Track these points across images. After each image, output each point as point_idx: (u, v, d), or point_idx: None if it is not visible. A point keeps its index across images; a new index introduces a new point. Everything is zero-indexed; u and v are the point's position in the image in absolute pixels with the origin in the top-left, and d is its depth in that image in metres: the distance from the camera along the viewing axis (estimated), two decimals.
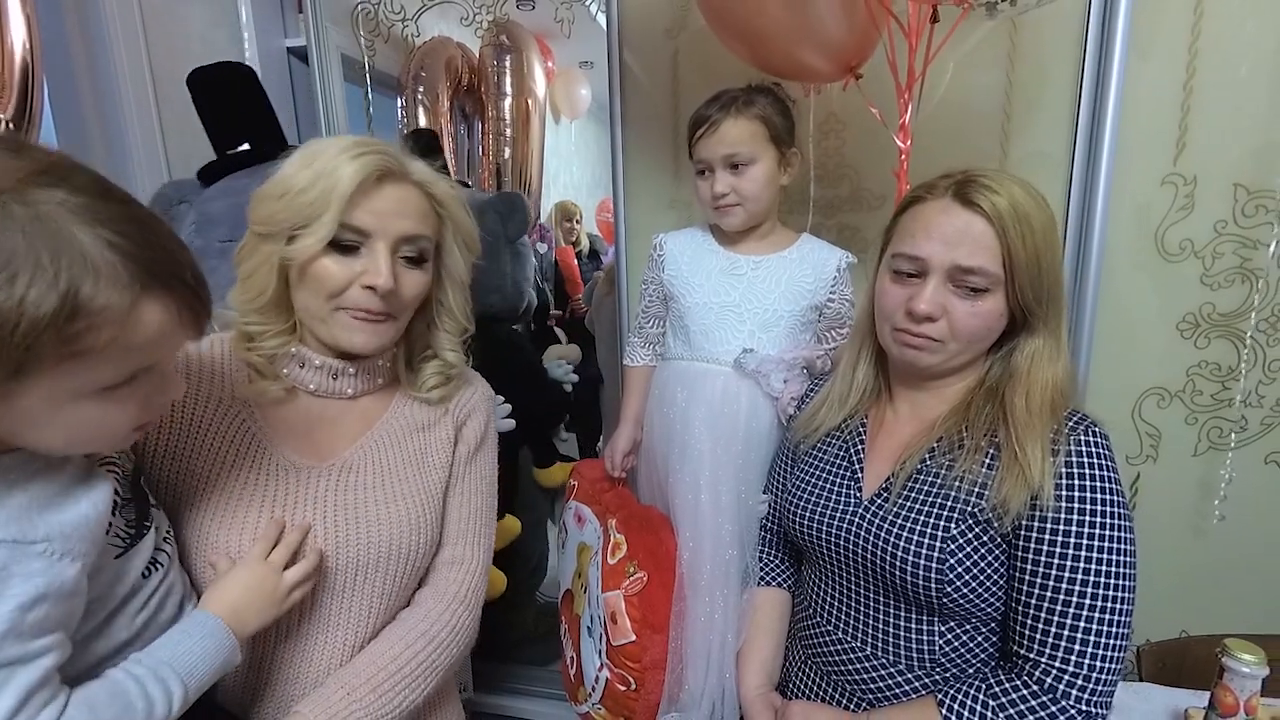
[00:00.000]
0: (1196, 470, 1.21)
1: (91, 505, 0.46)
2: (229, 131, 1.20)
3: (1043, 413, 0.63)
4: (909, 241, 0.66)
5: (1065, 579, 0.60)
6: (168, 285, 0.43)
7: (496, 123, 1.93)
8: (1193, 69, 1.08)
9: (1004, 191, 0.62)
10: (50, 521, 0.44)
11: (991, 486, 0.62)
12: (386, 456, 0.68)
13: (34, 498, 0.44)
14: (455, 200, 0.67)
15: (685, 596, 0.86)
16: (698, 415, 0.93)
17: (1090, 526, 0.61)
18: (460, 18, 1.59)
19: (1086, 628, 0.60)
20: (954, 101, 1.07)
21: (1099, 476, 0.62)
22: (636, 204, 1.36)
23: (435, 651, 0.66)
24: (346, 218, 0.59)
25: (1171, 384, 1.19)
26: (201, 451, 0.62)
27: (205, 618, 0.55)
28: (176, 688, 0.50)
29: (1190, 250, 1.14)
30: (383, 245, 0.61)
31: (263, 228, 0.61)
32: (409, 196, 0.63)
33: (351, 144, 0.61)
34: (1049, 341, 0.65)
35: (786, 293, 0.96)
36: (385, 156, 0.61)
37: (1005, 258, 0.62)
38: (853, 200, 1.26)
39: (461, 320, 0.72)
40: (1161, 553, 1.23)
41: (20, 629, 0.41)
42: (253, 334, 0.64)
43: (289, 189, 0.59)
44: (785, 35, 0.83)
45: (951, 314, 0.64)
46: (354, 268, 0.61)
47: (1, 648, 0.41)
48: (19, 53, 0.97)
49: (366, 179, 0.59)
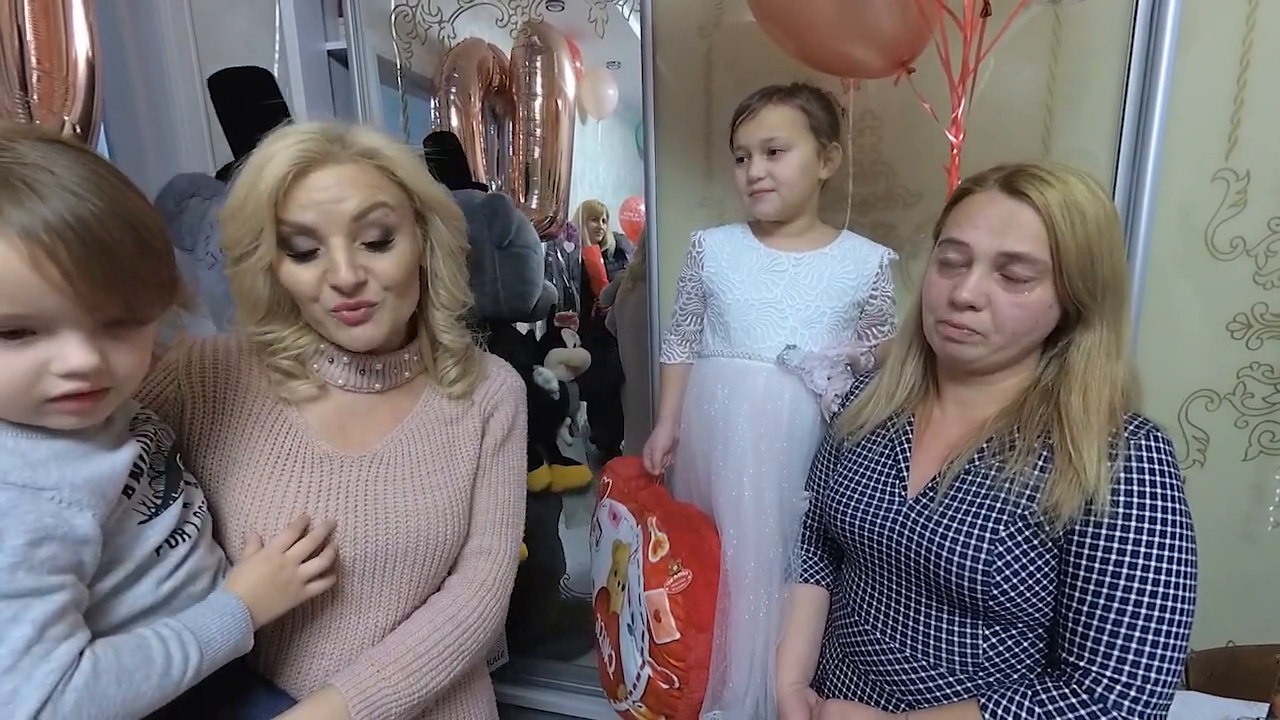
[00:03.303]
0: (1248, 475, 1.17)
1: (110, 465, 0.49)
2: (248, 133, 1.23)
3: (1100, 413, 0.61)
4: (955, 229, 0.65)
5: (1122, 585, 0.58)
6: (18, 230, 0.40)
7: (527, 123, 1.95)
8: (1246, 61, 1.05)
9: (1056, 182, 0.61)
10: (64, 473, 0.46)
11: (1044, 490, 0.61)
12: (416, 449, 0.69)
13: (58, 453, 0.46)
14: (411, 164, 0.63)
15: (729, 594, 0.86)
16: (740, 412, 0.93)
17: (1150, 533, 0.59)
18: (495, 19, 1.61)
19: (1142, 637, 0.57)
20: (994, 96, 1.06)
21: (1160, 482, 0.60)
22: (667, 202, 1.36)
23: (463, 636, 0.68)
24: (285, 217, 0.57)
25: (1221, 386, 1.16)
26: (241, 440, 0.64)
27: (229, 598, 0.57)
28: (194, 654, 0.52)
29: (1242, 248, 1.11)
30: (337, 239, 0.58)
31: (231, 251, 0.61)
32: (349, 174, 0.58)
33: (280, 137, 0.58)
34: (1108, 336, 0.63)
35: (829, 289, 0.95)
36: (310, 143, 0.57)
37: (1053, 246, 0.60)
38: (888, 197, 1.25)
39: (456, 293, 0.69)
40: (1208, 559, 1.17)
41: (31, 562, 0.43)
42: (269, 343, 0.65)
43: (234, 206, 0.58)
44: (836, 29, 0.83)
45: (995, 304, 0.63)
46: (318, 269, 0.59)
47: (15, 578, 0.42)
48: (83, 60, 1.01)
49: (286, 175, 0.56)
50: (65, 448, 0.47)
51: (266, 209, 0.56)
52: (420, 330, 0.71)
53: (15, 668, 0.42)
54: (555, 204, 2.07)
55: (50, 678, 0.43)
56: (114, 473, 0.49)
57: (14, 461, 0.45)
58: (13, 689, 0.42)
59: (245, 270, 0.60)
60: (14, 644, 0.42)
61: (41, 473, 0.45)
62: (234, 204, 0.59)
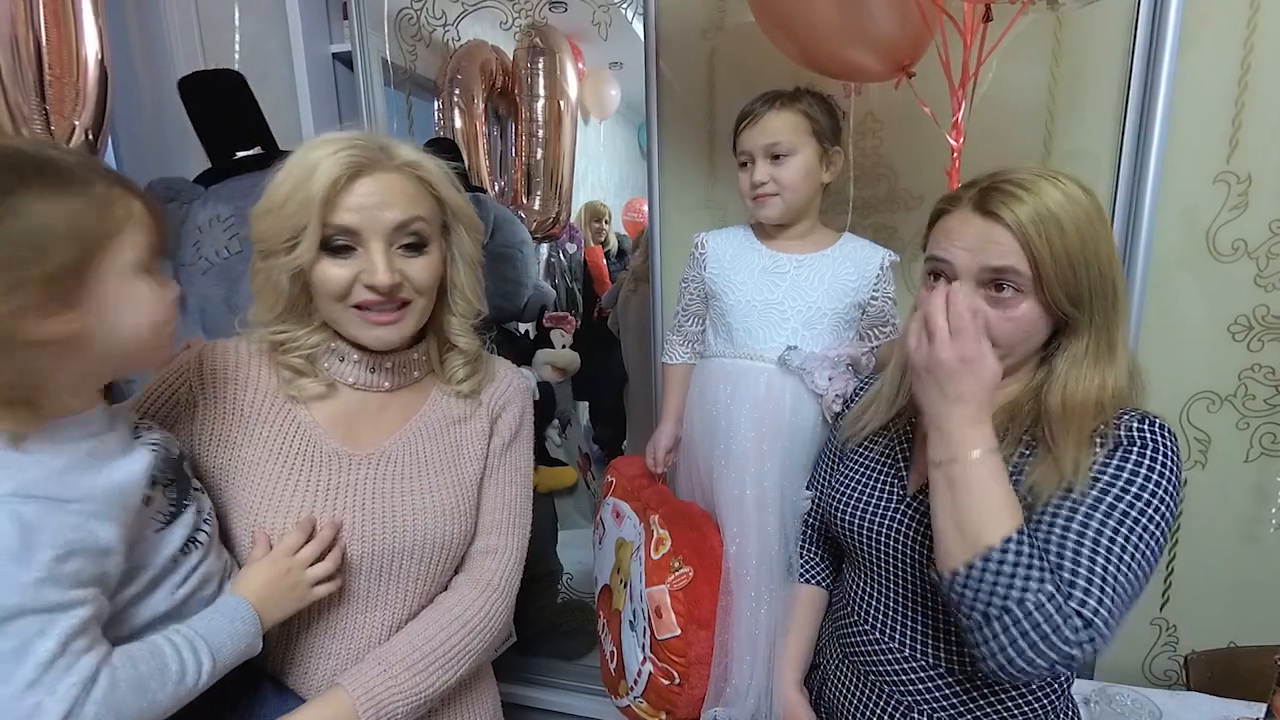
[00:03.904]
0: (1249, 477, 1.17)
1: (127, 474, 0.50)
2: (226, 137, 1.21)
3: (1083, 411, 0.61)
4: (936, 247, 0.66)
5: (1090, 500, 0.57)
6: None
7: (529, 124, 1.95)
8: (1247, 64, 1.06)
9: (1029, 197, 0.60)
10: (85, 484, 0.47)
11: (1026, 474, 0.61)
12: (424, 448, 0.70)
13: (74, 462, 0.47)
14: (446, 179, 0.67)
15: (730, 592, 0.87)
16: (742, 412, 0.94)
17: (1132, 474, 0.58)
18: (499, 21, 1.62)
19: (1109, 552, 0.55)
20: (995, 98, 1.06)
21: (1151, 446, 0.59)
22: (670, 204, 1.37)
23: (469, 636, 0.68)
24: (331, 219, 0.59)
25: (1222, 388, 1.16)
26: (250, 438, 0.65)
27: (238, 602, 0.58)
28: (206, 661, 0.53)
29: (1244, 251, 1.11)
30: (376, 242, 0.61)
31: (260, 245, 0.62)
32: (394, 183, 0.62)
33: (327, 142, 0.61)
34: (1096, 340, 0.63)
35: (830, 290, 0.96)
36: (359, 150, 0.60)
37: (1032, 262, 0.60)
38: (889, 200, 1.26)
39: (474, 301, 0.71)
40: (1210, 560, 1.20)
41: (58, 578, 0.44)
42: (282, 342, 0.66)
43: (274, 203, 0.60)
44: (837, 33, 0.84)
45: (986, 320, 0.63)
46: (353, 267, 0.61)
47: (41, 594, 0.43)
48: (93, 63, 1.02)
49: (339, 179, 0.59)
50: (79, 456, 0.48)
51: (316, 209, 0.58)
52: (428, 332, 0.72)
53: (39, 682, 0.43)
54: (558, 205, 2.08)
55: (72, 691, 0.44)
56: (133, 481, 0.50)
57: (39, 473, 0.46)
58: (36, 703, 0.43)
59: (274, 266, 0.61)
60: (39, 658, 0.43)
61: (67, 484, 0.46)
62: (272, 202, 0.60)
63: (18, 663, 0.43)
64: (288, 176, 0.60)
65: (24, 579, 0.43)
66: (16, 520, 0.43)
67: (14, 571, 0.43)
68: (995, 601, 0.55)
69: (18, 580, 0.43)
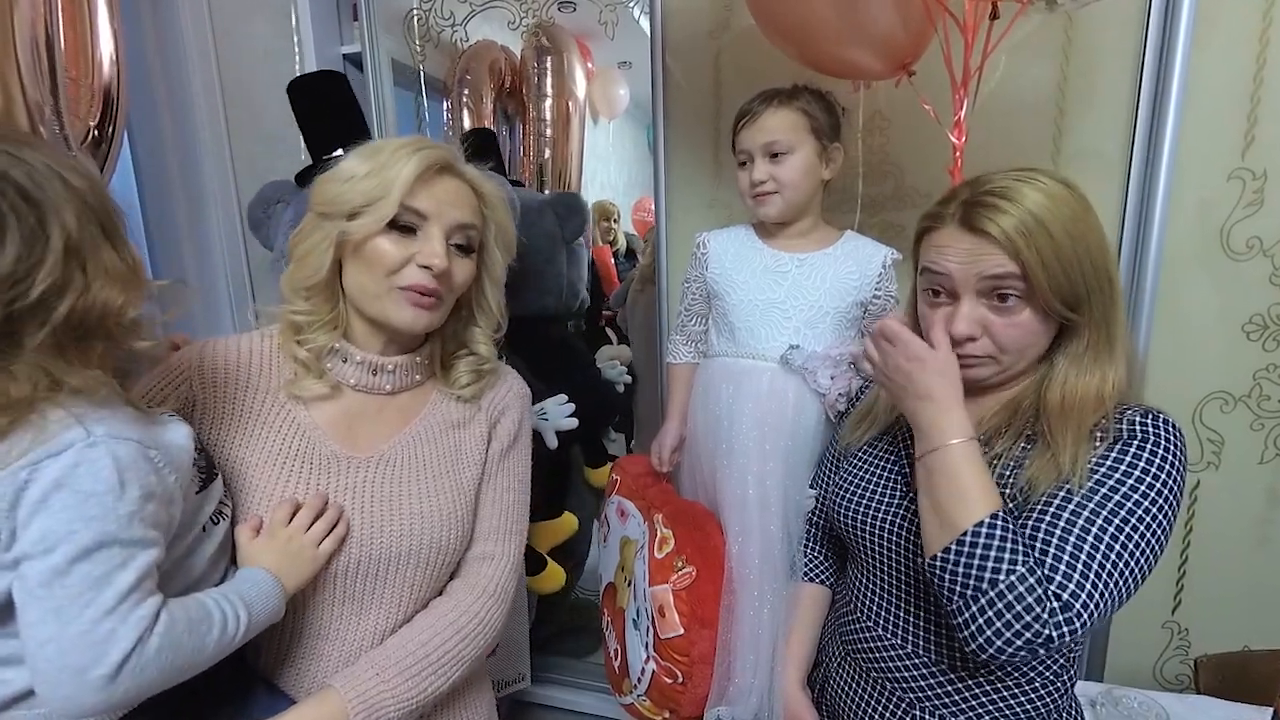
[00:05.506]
0: (1263, 478, 1.16)
1: (175, 435, 0.53)
2: (324, 137, 1.24)
3: (1082, 406, 0.61)
4: (930, 260, 0.66)
5: (1079, 501, 0.56)
6: None
7: (537, 124, 1.96)
8: (1263, 58, 1.04)
9: (1012, 207, 0.60)
10: (156, 436, 0.51)
11: (1024, 467, 0.62)
12: (422, 452, 0.70)
13: (135, 417, 0.50)
14: (500, 201, 0.72)
15: (733, 591, 0.87)
16: (744, 411, 0.94)
17: (1129, 467, 0.58)
18: (507, 22, 1.62)
19: (1097, 540, 0.55)
20: (1004, 96, 1.05)
21: (1152, 440, 0.59)
22: (677, 203, 1.37)
23: (462, 643, 0.68)
24: (408, 200, 0.63)
25: (1236, 388, 1.14)
26: (249, 439, 0.66)
27: (257, 571, 0.60)
28: (244, 615, 0.56)
29: (1259, 249, 1.09)
30: (438, 229, 0.65)
31: (325, 208, 0.65)
32: (463, 190, 0.68)
33: (412, 141, 0.66)
34: (1096, 338, 0.63)
35: (832, 289, 0.96)
36: (444, 152, 0.67)
37: (1023, 272, 0.60)
38: (896, 198, 1.25)
39: (497, 317, 0.76)
40: (1223, 563, 1.18)
41: (143, 514, 0.48)
42: (300, 324, 0.67)
43: (353, 174, 0.64)
44: (835, 33, 0.83)
45: (991, 329, 0.63)
46: (410, 248, 0.65)
47: (130, 528, 0.47)
48: (106, 64, 1.04)
49: (428, 169, 0.64)
50: (133, 414, 0.51)
51: (401, 185, 0.63)
52: (432, 335, 0.73)
53: (116, 610, 0.46)
54: None
55: (143, 623, 0.48)
56: (185, 443, 0.54)
57: (125, 419, 0.49)
58: (111, 629, 0.46)
59: (328, 229, 0.65)
60: (119, 587, 0.47)
61: (145, 434, 0.50)
62: (348, 171, 0.65)
63: (100, 590, 0.46)
64: (370, 158, 0.65)
65: (121, 511, 0.46)
66: (113, 458, 0.46)
67: (112, 504, 0.46)
68: (971, 583, 0.56)
69: (115, 512, 0.46)
